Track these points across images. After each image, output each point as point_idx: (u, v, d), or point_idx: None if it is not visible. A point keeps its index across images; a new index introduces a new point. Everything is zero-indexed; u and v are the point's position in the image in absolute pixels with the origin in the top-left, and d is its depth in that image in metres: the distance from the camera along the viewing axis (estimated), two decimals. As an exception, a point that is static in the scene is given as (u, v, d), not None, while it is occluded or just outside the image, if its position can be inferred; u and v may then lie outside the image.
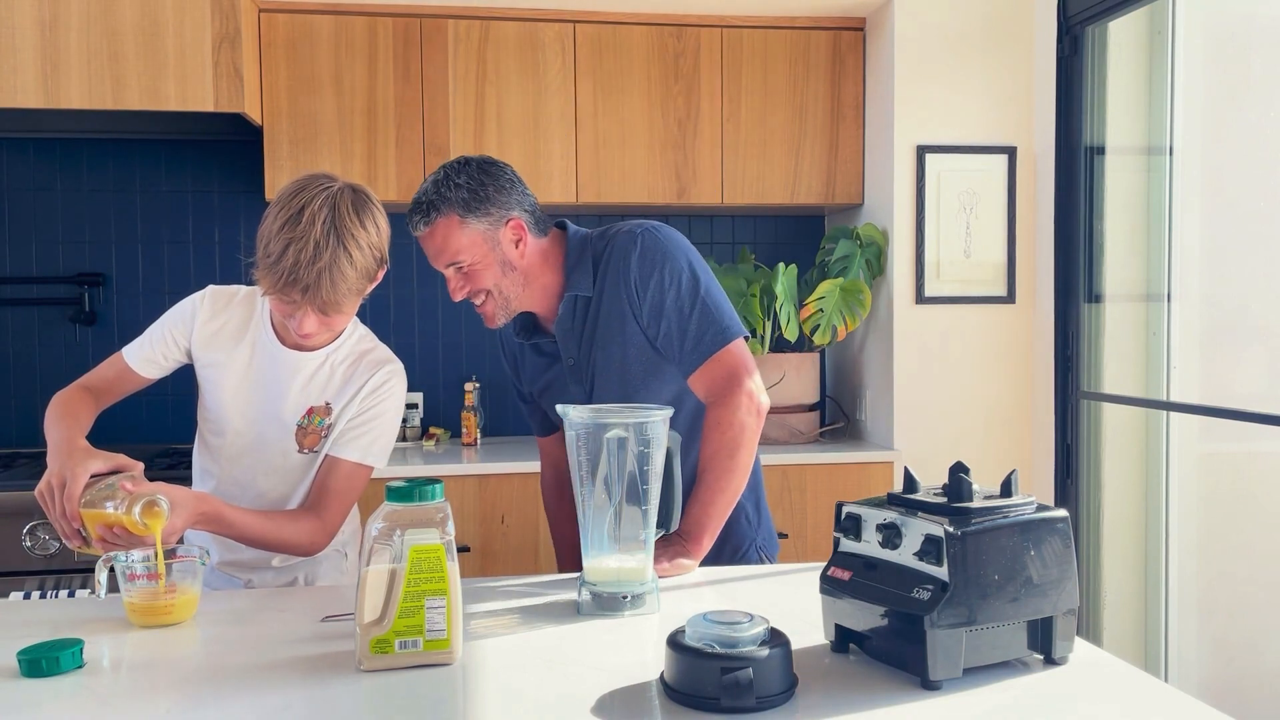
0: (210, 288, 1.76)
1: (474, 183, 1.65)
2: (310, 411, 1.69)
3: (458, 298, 1.70)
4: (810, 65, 3.27)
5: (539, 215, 1.73)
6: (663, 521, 1.45)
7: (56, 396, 1.67)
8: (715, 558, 1.73)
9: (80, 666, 1.20)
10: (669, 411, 1.40)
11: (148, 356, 1.73)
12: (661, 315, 1.67)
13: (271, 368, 1.69)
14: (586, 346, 1.74)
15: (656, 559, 1.49)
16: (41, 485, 1.48)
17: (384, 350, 1.75)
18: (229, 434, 1.71)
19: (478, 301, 1.71)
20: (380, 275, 1.64)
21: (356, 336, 1.75)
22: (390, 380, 1.71)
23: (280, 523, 1.65)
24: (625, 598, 1.38)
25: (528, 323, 1.82)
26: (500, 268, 1.68)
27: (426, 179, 1.70)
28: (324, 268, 1.50)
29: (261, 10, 3.01)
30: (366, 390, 1.70)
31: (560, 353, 1.77)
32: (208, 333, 1.71)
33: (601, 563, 1.40)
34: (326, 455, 1.70)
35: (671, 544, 1.60)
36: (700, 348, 1.66)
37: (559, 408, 1.41)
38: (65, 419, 1.59)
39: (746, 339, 1.71)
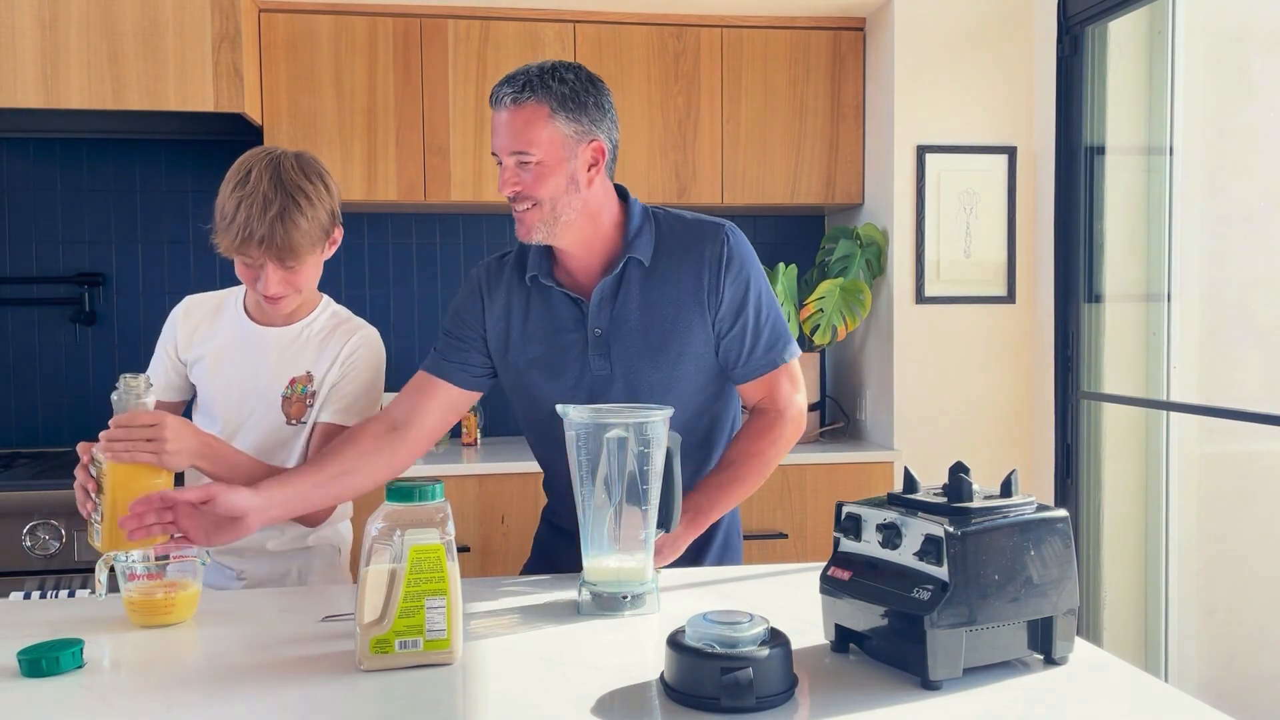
0: (186, 298, 1.84)
1: (580, 86, 1.55)
2: (293, 381, 1.75)
3: (507, 191, 1.56)
4: (810, 65, 3.27)
5: (615, 159, 1.64)
6: (663, 522, 1.44)
7: None
8: (705, 545, 1.74)
9: (80, 666, 1.20)
10: (669, 411, 1.39)
11: (162, 384, 1.79)
12: (739, 315, 1.64)
13: (248, 346, 1.75)
14: (622, 317, 1.62)
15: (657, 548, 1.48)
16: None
17: (358, 320, 1.81)
18: (220, 419, 1.76)
19: (521, 208, 1.56)
20: (337, 235, 1.71)
21: (330, 311, 1.81)
22: (364, 344, 1.77)
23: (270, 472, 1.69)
24: (625, 598, 1.38)
25: (548, 268, 1.66)
26: (566, 181, 1.55)
27: (537, 65, 1.56)
28: (275, 216, 1.58)
29: (261, 10, 3.01)
30: (344, 355, 1.76)
31: (587, 318, 1.62)
32: (187, 333, 1.79)
33: (601, 563, 1.40)
34: (316, 423, 1.74)
35: None
36: (770, 355, 1.67)
37: (559, 408, 1.39)
38: None
39: None
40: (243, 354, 1.76)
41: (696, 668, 1.05)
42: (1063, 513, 1.17)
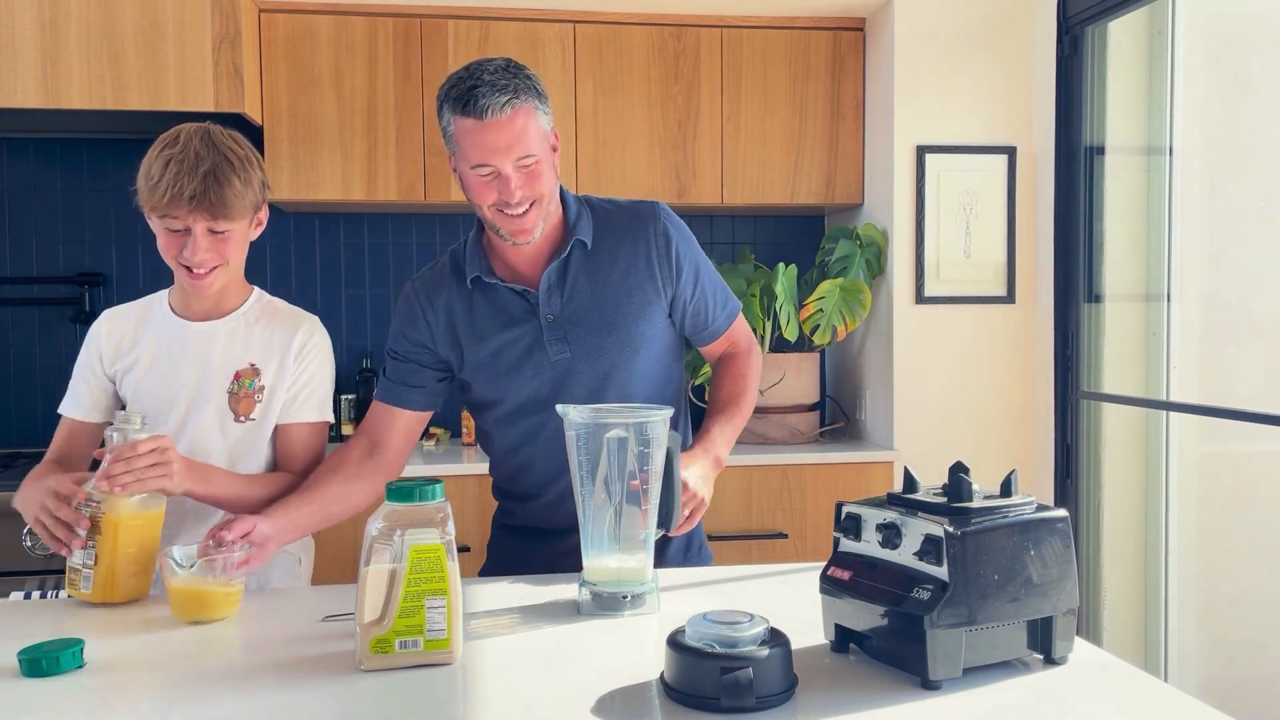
0: (104, 312, 1.77)
1: (536, 78, 1.56)
2: (238, 376, 1.69)
3: (519, 196, 1.53)
4: (810, 65, 3.27)
5: None
6: (663, 521, 1.45)
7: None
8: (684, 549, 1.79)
9: (80, 666, 1.20)
10: (669, 411, 1.39)
11: (88, 404, 1.72)
12: (697, 282, 1.72)
13: (184, 344, 1.70)
14: (574, 300, 1.63)
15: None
16: (38, 508, 1.50)
17: (297, 309, 1.78)
18: (160, 427, 1.67)
19: (521, 210, 1.54)
20: (263, 215, 1.68)
21: (264, 300, 1.76)
22: (313, 336, 1.76)
23: (261, 484, 1.68)
24: (625, 597, 1.38)
25: (488, 266, 1.66)
26: (553, 174, 1.58)
27: (483, 67, 1.51)
28: (207, 171, 1.56)
29: (261, 10, 3.02)
30: (294, 351, 1.72)
31: (537, 308, 1.63)
32: (112, 345, 1.72)
33: (601, 562, 1.40)
34: (280, 426, 1.72)
35: (695, 458, 1.61)
36: (728, 310, 1.79)
37: (559, 407, 1.39)
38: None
39: None
40: (179, 353, 1.69)
41: (696, 668, 1.05)
42: (1062, 513, 1.17)
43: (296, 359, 1.72)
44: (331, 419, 1.79)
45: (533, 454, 1.70)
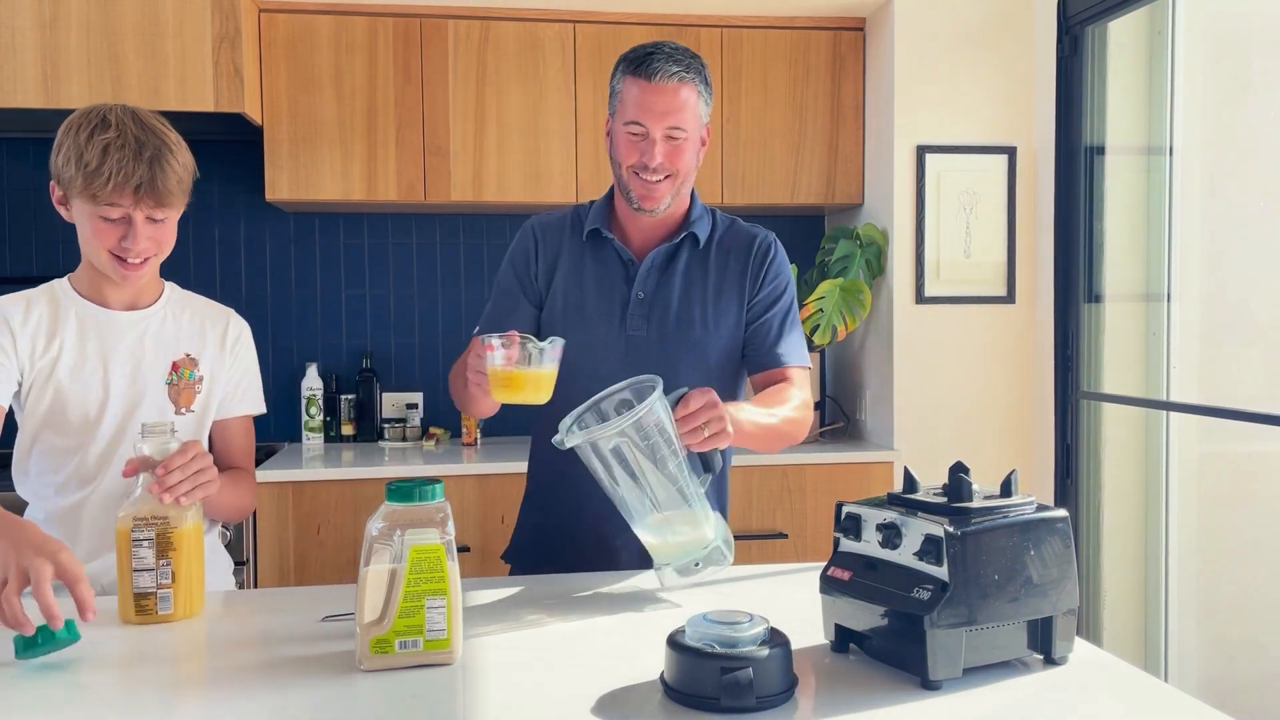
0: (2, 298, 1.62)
1: (707, 69, 1.68)
2: (175, 366, 1.65)
3: (657, 161, 1.62)
4: (810, 65, 3.27)
5: None
6: (708, 466, 1.44)
7: None
8: None
9: (76, 639, 1.20)
10: (657, 388, 1.35)
11: None
12: (773, 306, 1.74)
13: (111, 337, 1.62)
14: (667, 286, 1.70)
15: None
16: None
17: (218, 304, 1.76)
18: (96, 431, 1.60)
19: (656, 178, 1.64)
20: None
21: (181, 292, 1.73)
22: (244, 326, 1.76)
23: (239, 481, 1.67)
24: (696, 564, 1.42)
25: (608, 224, 1.74)
26: (695, 158, 1.69)
27: (665, 43, 1.64)
28: (152, 157, 1.50)
29: (261, 10, 3.01)
30: (229, 343, 1.72)
31: (634, 281, 1.70)
32: (29, 333, 1.58)
33: (663, 543, 1.42)
34: (221, 421, 1.71)
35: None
36: (789, 353, 1.74)
37: (556, 440, 1.37)
38: None
39: None
40: (111, 344, 1.61)
41: (696, 668, 1.05)
42: (1062, 513, 1.17)
43: (232, 350, 1.72)
44: (265, 410, 1.80)
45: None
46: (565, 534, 1.75)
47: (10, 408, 1.60)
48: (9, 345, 1.57)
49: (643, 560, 1.63)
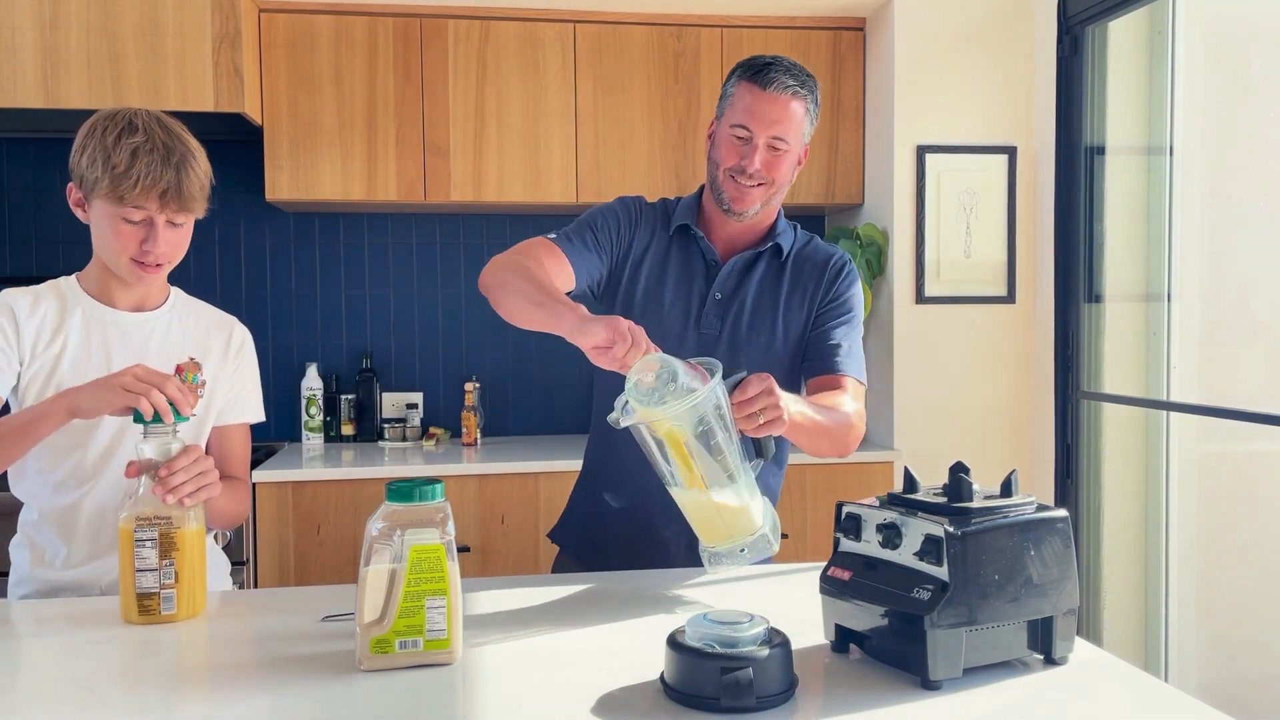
0: (4, 291, 1.62)
1: (818, 89, 1.72)
2: (179, 370, 1.62)
3: (754, 166, 1.65)
4: (810, 65, 3.26)
5: None
6: (760, 452, 1.44)
7: None
8: None
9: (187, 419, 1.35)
10: (718, 373, 1.33)
11: None
12: (838, 317, 1.75)
13: (115, 337, 1.62)
14: (744, 290, 1.73)
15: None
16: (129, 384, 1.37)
17: (220, 311, 1.76)
18: (96, 432, 1.58)
19: (751, 184, 1.67)
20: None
21: (185, 296, 1.74)
22: (247, 335, 1.76)
23: (234, 489, 1.67)
24: (742, 550, 1.41)
25: (698, 221, 1.77)
26: (791, 171, 1.71)
27: (784, 58, 1.67)
28: (179, 162, 1.52)
29: (261, 10, 3.01)
30: (233, 349, 1.72)
31: (714, 284, 1.72)
32: (34, 326, 1.58)
33: (708, 527, 1.41)
34: (222, 427, 1.71)
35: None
36: (847, 363, 1.73)
37: (611, 418, 1.33)
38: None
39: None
40: (112, 347, 1.61)
41: (696, 668, 1.05)
42: (1063, 513, 1.17)
43: (234, 358, 1.72)
44: (264, 418, 1.80)
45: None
46: (616, 520, 1.75)
47: (8, 401, 1.60)
48: (12, 337, 1.57)
49: (690, 553, 1.64)
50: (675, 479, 1.39)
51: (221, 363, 1.70)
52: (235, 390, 1.72)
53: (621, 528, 1.74)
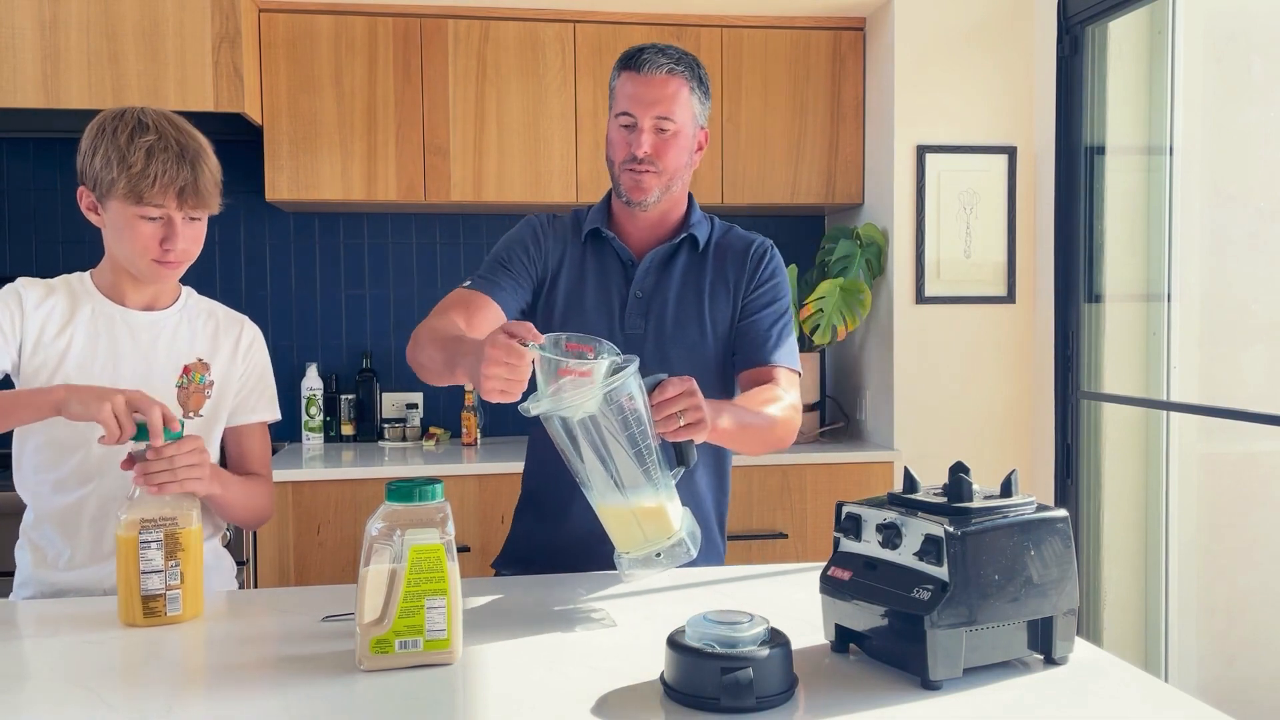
0: (20, 279, 1.62)
1: (706, 76, 1.71)
2: (187, 370, 1.65)
3: (643, 150, 1.63)
4: (810, 65, 3.27)
5: None
6: (681, 459, 1.41)
7: None
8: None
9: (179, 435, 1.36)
10: (634, 362, 1.31)
11: None
12: (767, 307, 1.74)
13: (124, 335, 1.62)
14: (665, 286, 1.72)
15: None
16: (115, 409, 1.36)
17: (232, 310, 1.76)
18: (100, 430, 1.52)
19: (644, 169, 1.65)
20: None
21: (197, 296, 1.73)
22: (258, 334, 1.76)
23: (253, 486, 1.67)
24: (658, 554, 1.38)
25: (607, 224, 1.75)
26: (687, 155, 1.70)
27: (662, 44, 1.67)
28: (194, 158, 1.54)
29: (261, 10, 3.01)
30: (243, 348, 1.71)
31: (633, 282, 1.71)
32: (41, 316, 1.59)
33: (622, 529, 1.39)
34: (237, 427, 1.70)
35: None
36: (778, 353, 1.73)
37: (521, 407, 1.32)
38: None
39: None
40: (119, 344, 1.61)
41: (696, 668, 1.05)
42: (1063, 513, 1.17)
43: (244, 357, 1.71)
44: (280, 416, 1.79)
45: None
46: (553, 541, 1.73)
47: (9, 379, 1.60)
48: (18, 319, 1.57)
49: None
50: (589, 480, 1.36)
51: (231, 362, 1.70)
52: (247, 390, 1.72)
53: (559, 547, 1.71)
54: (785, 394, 1.67)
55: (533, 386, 1.33)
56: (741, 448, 1.62)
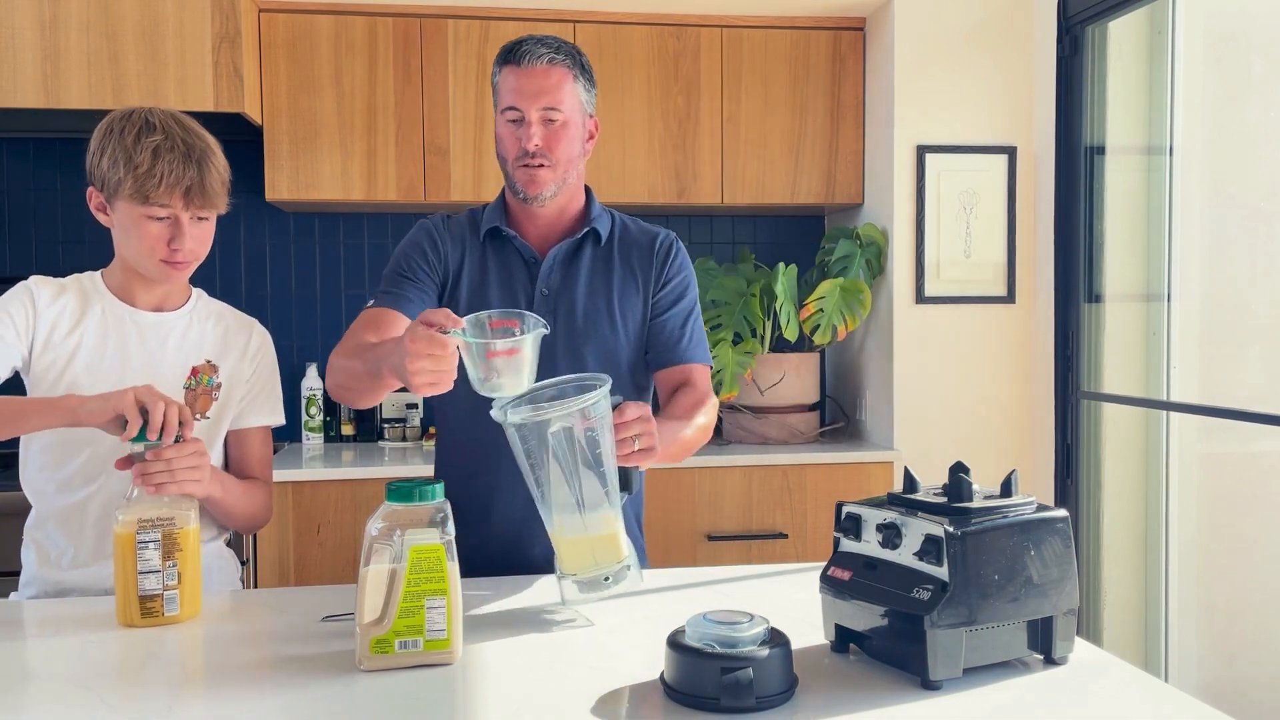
0: (33, 277, 1.64)
1: (588, 64, 1.70)
2: (195, 371, 1.65)
3: (534, 144, 1.62)
4: (810, 65, 3.27)
5: None
6: (625, 485, 1.39)
7: None
8: None
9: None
10: (607, 383, 1.32)
11: None
12: (678, 303, 1.74)
13: (133, 335, 1.62)
14: (571, 283, 1.70)
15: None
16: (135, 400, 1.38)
17: (241, 312, 1.77)
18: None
19: (537, 163, 1.64)
20: None
21: (207, 297, 1.74)
22: (266, 338, 1.78)
23: (252, 490, 1.67)
24: (606, 578, 1.35)
25: (506, 221, 1.73)
26: (579, 146, 1.68)
27: (540, 34, 1.67)
28: (200, 158, 1.54)
29: (261, 10, 3.01)
30: (252, 351, 1.72)
31: (538, 280, 1.69)
32: (52, 315, 1.59)
33: (575, 549, 1.35)
34: (239, 430, 1.70)
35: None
36: (692, 350, 1.74)
37: (494, 413, 1.32)
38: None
39: None
40: (128, 345, 1.61)
41: (696, 668, 1.05)
42: (1063, 513, 1.17)
43: (252, 360, 1.72)
44: (284, 421, 1.79)
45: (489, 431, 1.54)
46: (476, 545, 1.61)
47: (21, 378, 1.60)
48: (30, 317, 1.58)
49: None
50: (549, 496, 1.33)
51: (239, 365, 1.70)
52: (253, 393, 1.72)
53: (485, 560, 1.66)
54: (706, 395, 1.71)
55: (463, 373, 1.32)
56: (672, 461, 1.63)
